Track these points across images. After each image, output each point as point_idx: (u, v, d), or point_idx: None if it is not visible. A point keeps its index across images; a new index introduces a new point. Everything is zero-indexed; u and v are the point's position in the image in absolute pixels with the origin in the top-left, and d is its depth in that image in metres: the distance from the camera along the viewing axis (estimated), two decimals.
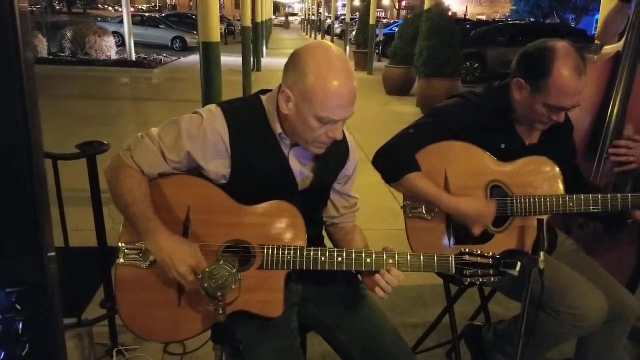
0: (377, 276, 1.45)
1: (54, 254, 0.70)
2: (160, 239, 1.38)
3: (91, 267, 2.45)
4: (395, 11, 52.53)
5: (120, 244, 1.46)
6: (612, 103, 2.12)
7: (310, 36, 35.11)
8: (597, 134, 2.15)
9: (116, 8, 46.86)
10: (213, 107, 1.51)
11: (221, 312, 1.28)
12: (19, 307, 0.61)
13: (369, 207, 1.94)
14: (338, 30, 28.79)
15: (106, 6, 58.05)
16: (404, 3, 53.30)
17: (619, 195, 1.78)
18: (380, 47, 18.48)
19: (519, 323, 1.61)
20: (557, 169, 1.82)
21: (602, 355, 1.93)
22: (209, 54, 3.95)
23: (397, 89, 10.94)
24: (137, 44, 15.62)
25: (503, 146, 1.86)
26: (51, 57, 13.80)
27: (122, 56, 14.76)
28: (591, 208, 1.77)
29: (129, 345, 2.51)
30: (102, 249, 2.38)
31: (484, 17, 51.15)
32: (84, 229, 2.89)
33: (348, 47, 19.23)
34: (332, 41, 23.54)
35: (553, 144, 1.91)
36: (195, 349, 2.50)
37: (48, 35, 14.34)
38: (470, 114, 1.87)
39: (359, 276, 1.60)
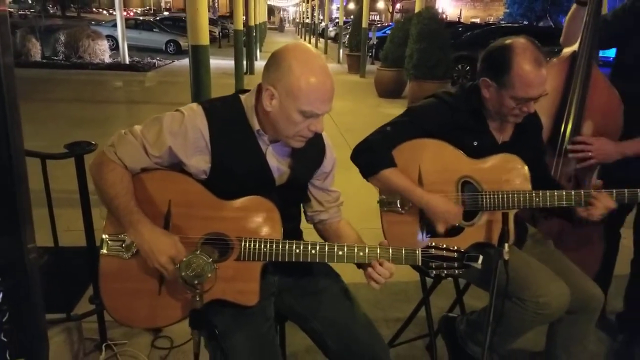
0: (369, 269, 1.53)
1: (34, 244, 0.78)
2: (142, 230, 1.45)
3: (81, 265, 2.52)
4: (389, 14, 52.72)
5: (103, 235, 1.53)
6: (569, 101, 2.22)
7: (305, 39, 35.23)
8: (557, 131, 2.24)
9: (110, 11, 46.82)
10: (194, 105, 1.59)
11: (198, 299, 1.36)
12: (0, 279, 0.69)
13: (358, 207, 2.02)
14: (332, 34, 28.91)
15: (100, 9, 57.99)
16: (398, 6, 53.48)
17: (582, 192, 1.86)
18: (373, 50, 18.61)
19: (487, 311, 1.70)
20: (525, 167, 1.90)
21: (570, 345, 2.01)
22: (198, 57, 4.01)
23: (389, 91, 11.04)
24: (131, 47, 15.65)
25: (476, 143, 1.94)
26: (45, 61, 13.84)
27: (115, 59, 14.80)
28: (556, 203, 1.86)
29: (117, 340, 2.57)
30: (90, 247, 2.45)
31: (477, 20, 51.45)
32: (74, 229, 2.96)
33: (341, 50, 19.32)
34: (326, 44, 23.73)
35: (524, 141, 2.00)
36: (182, 344, 2.56)
37: (41, 38, 14.37)
38: (445, 113, 1.95)
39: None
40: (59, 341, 2.29)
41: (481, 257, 1.51)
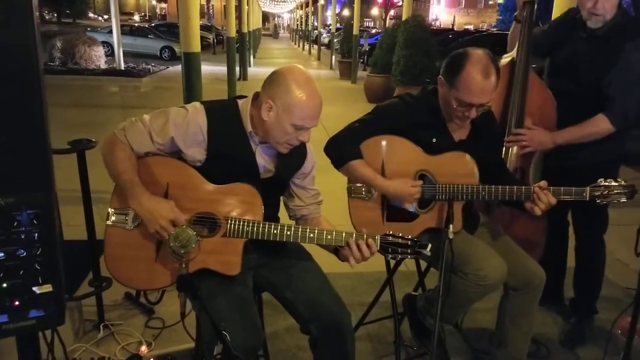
0: (347, 250, 1.79)
1: (55, 193, 1.06)
2: (143, 199, 1.72)
3: (81, 256, 2.78)
4: (383, 21, 53.14)
5: (110, 209, 1.80)
6: (511, 102, 2.54)
7: (299, 45, 35.54)
8: (503, 129, 2.56)
9: (105, 17, 47.03)
10: (197, 104, 1.87)
11: (184, 266, 1.62)
12: (36, 222, 0.96)
13: (344, 206, 2.29)
14: (325, 40, 29.23)
15: (95, 15, 58.13)
16: (392, 13, 53.95)
17: (523, 187, 2.10)
18: (365, 57, 18.91)
19: (438, 284, 1.97)
20: (474, 164, 2.13)
21: (516, 318, 2.27)
22: (190, 63, 4.24)
23: (378, 97, 11.21)
24: (126, 53, 15.84)
25: (434, 140, 2.17)
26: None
27: (111, 65, 15.00)
28: (499, 197, 2.11)
29: (114, 320, 2.83)
30: (91, 240, 2.70)
31: (471, 27, 52.03)
32: (74, 224, 3.20)
33: (334, 57, 19.63)
34: (319, 50, 24.01)
35: (479, 141, 2.22)
36: (173, 324, 2.82)
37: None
38: (407, 112, 2.20)
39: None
40: None
41: (430, 245, 1.77)
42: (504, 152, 2.55)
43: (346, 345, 1.87)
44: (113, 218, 1.79)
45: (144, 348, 2.60)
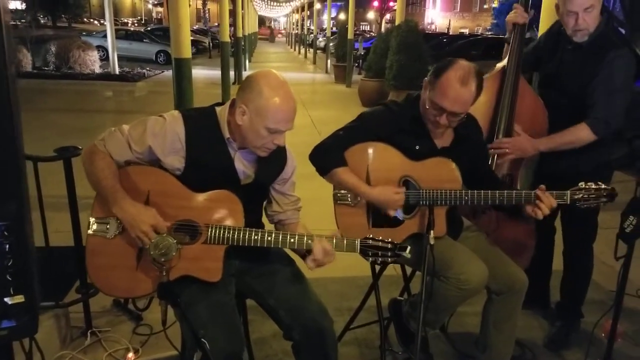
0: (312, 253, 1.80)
1: (28, 204, 1.06)
2: (125, 205, 1.73)
3: (69, 263, 2.78)
4: (378, 25, 53.23)
5: (91, 219, 1.81)
6: (501, 108, 2.57)
7: (295, 49, 35.58)
8: (492, 134, 2.58)
9: (101, 21, 46.98)
10: (175, 112, 1.88)
11: (165, 274, 1.64)
12: (7, 234, 0.97)
13: (330, 211, 2.30)
14: (321, 44, 29.27)
15: (91, 19, 58.06)
16: (387, 17, 54.03)
17: (505, 192, 2.12)
18: (360, 61, 18.96)
19: (420, 289, 1.98)
20: (457, 169, 2.15)
21: (499, 322, 2.28)
22: (181, 69, 4.27)
23: (372, 101, 11.22)
24: (121, 57, 15.81)
25: (417, 147, 2.19)
26: (35, 71, 13.96)
27: (105, 70, 14.96)
28: (482, 202, 2.13)
29: (101, 327, 2.83)
30: (77, 247, 2.70)
31: (466, 31, 52.17)
32: (63, 230, 3.20)
33: (329, 60, 19.67)
34: (315, 54, 24.04)
35: (462, 148, 2.24)
36: (160, 331, 2.80)
37: (32, 49, 14.55)
38: (391, 120, 2.22)
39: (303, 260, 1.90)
40: (48, 326, 2.53)
41: (409, 248, 1.80)
42: (491, 159, 2.56)
43: (328, 351, 1.89)
44: (94, 227, 1.80)
45: (131, 355, 2.60)
